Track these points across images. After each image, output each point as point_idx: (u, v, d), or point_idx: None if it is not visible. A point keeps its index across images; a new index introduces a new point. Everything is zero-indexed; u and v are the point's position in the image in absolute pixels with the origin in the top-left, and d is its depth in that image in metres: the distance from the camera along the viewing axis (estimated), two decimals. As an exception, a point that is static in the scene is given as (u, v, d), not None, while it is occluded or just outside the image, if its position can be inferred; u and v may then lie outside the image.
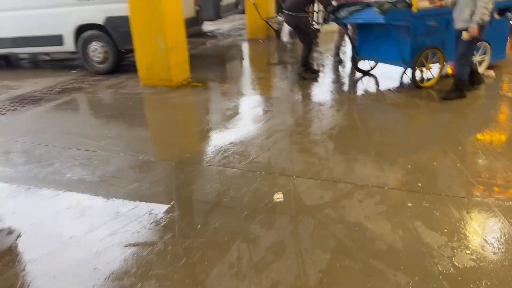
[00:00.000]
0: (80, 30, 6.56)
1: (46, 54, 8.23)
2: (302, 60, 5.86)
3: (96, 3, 6.29)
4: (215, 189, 2.95)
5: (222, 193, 2.88)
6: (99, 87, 6.08)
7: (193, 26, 7.74)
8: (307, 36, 5.77)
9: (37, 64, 8.40)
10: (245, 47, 9.12)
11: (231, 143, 3.76)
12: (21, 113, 4.99)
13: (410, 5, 4.79)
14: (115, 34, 6.35)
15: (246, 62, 7.96)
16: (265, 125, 4.20)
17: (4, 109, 5.16)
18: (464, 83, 4.59)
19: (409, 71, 5.08)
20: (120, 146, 3.82)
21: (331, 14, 5.36)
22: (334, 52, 6.78)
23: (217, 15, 10.29)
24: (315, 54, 6.43)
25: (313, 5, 6.01)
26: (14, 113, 5.00)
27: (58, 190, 3.05)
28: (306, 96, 5.29)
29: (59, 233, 2.52)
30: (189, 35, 7.97)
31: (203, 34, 10.35)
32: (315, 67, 6.09)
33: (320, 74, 6.01)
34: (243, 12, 11.22)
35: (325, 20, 5.64)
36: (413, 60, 4.91)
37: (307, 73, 5.87)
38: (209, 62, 7.68)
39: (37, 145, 3.96)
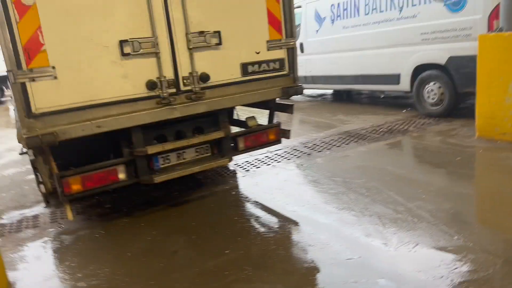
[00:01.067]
0: (418, 69, 6.28)
1: (381, 92, 8.46)
2: None
3: (439, 42, 5.82)
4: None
5: None
6: (426, 132, 5.58)
7: None
8: None
9: (371, 100, 8.78)
10: None
11: None
12: (343, 150, 5.18)
13: None
14: (456, 75, 5.68)
15: None
16: None
17: (330, 144, 5.52)
18: None
19: None
20: (432, 214, 3.20)
21: None
22: None
23: None
24: None
25: None
26: (337, 149, 5.25)
27: (349, 253, 2.81)
28: None
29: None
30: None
31: None
32: None
33: None
34: None
35: None
36: None
37: None
38: None
39: (347, 189, 3.91)
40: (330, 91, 9.84)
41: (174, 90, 3.32)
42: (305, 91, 9.99)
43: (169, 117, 3.33)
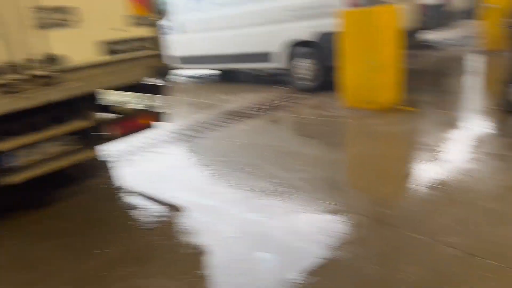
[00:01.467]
0: (290, 46, 6.51)
1: (260, 70, 8.64)
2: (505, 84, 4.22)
3: (308, 19, 6.08)
4: (422, 278, 2.12)
5: None
6: (300, 106, 5.85)
7: (413, 38, 6.80)
8: None
9: (255, 79, 8.92)
10: (475, 61, 7.52)
11: (450, 201, 2.81)
12: (226, 130, 5.16)
13: None
14: (325, 50, 6.01)
15: (476, 81, 6.46)
16: (505, 180, 3.03)
17: (214, 125, 5.45)
18: None
19: None
20: (307, 183, 3.35)
21: None
22: None
23: (442, 23, 8.86)
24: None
25: None
26: (221, 129, 5.20)
27: (235, 231, 2.78)
28: None
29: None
30: (410, 47, 7.06)
31: (423, 46, 9.13)
32: None
33: None
34: (473, 17, 9.44)
35: None
36: None
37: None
38: (427, 80, 6.55)
39: (231, 169, 3.89)
40: (217, 71, 9.74)
41: (21, 76, 2.84)
42: (189, 72, 9.77)
43: (16, 107, 2.85)
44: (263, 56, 6.97)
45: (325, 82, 6.39)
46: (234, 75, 9.25)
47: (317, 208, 2.95)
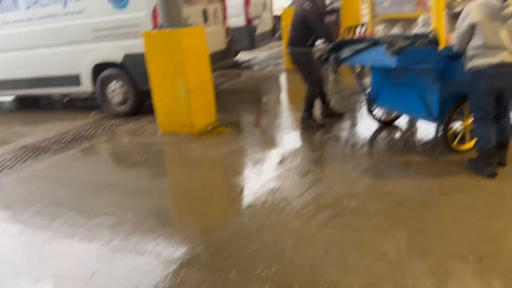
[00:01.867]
0: (97, 69, 5.90)
1: (65, 95, 7.64)
2: (305, 103, 4.77)
3: (112, 40, 5.60)
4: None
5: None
6: (115, 134, 5.30)
7: (224, 59, 6.95)
8: (308, 76, 4.72)
9: (60, 105, 7.85)
10: (283, 79, 8.19)
11: (258, 227, 2.75)
12: (16, 172, 4.25)
13: (435, 42, 3.41)
14: (134, 73, 5.61)
15: (283, 98, 6.98)
16: (306, 195, 3.15)
17: (2, 166, 4.46)
18: (489, 154, 3.21)
19: (440, 128, 3.67)
20: (111, 230, 2.89)
21: (330, 53, 4.17)
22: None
23: (252, 45, 9.48)
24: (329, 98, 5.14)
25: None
26: (8, 172, 4.27)
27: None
28: (356, 150, 4.19)
29: None
30: (221, 68, 7.22)
31: (237, 66, 9.58)
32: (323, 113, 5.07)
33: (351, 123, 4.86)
34: (280, 39, 10.41)
35: (324, 61, 4.29)
36: (444, 115, 3.55)
37: (311, 120, 4.80)
38: (241, 99, 6.78)
39: (13, 223, 3.14)
40: (9, 98, 8.22)
41: None
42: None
43: None
44: (70, 79, 6.14)
45: (141, 106, 5.99)
46: (36, 101, 7.99)
47: (121, 261, 2.54)
